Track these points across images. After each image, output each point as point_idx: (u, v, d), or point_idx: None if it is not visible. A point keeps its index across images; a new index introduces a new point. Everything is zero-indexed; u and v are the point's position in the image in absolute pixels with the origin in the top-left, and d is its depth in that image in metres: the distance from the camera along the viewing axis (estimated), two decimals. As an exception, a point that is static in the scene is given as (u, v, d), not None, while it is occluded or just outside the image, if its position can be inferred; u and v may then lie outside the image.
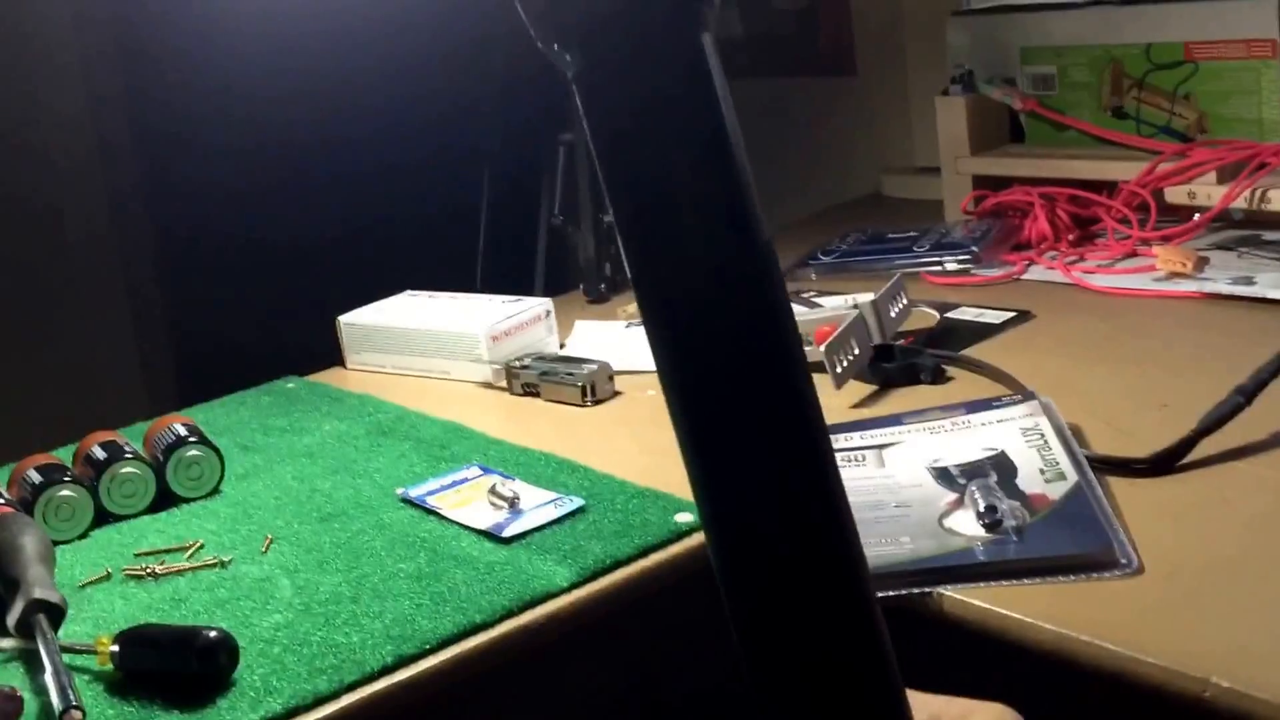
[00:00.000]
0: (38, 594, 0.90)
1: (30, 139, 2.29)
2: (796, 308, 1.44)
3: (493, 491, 1.05)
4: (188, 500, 1.14)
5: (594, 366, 1.28)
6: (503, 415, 1.30)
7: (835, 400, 1.22)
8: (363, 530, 1.05)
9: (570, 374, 1.28)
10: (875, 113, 2.05)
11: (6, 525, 0.98)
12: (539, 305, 1.41)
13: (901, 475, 1.05)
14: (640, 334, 1.46)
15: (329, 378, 1.45)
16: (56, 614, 0.91)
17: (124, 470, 1.10)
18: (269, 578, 0.99)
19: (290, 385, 1.41)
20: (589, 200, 1.58)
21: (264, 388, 1.41)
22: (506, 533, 1.00)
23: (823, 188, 2.05)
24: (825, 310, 1.35)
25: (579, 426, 1.25)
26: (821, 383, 1.24)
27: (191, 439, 1.13)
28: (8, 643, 0.92)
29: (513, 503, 1.04)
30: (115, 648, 0.86)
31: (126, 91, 2.38)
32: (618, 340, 1.45)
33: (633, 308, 1.50)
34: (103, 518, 1.11)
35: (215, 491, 1.15)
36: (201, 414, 1.34)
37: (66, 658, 0.87)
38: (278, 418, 1.32)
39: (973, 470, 1.03)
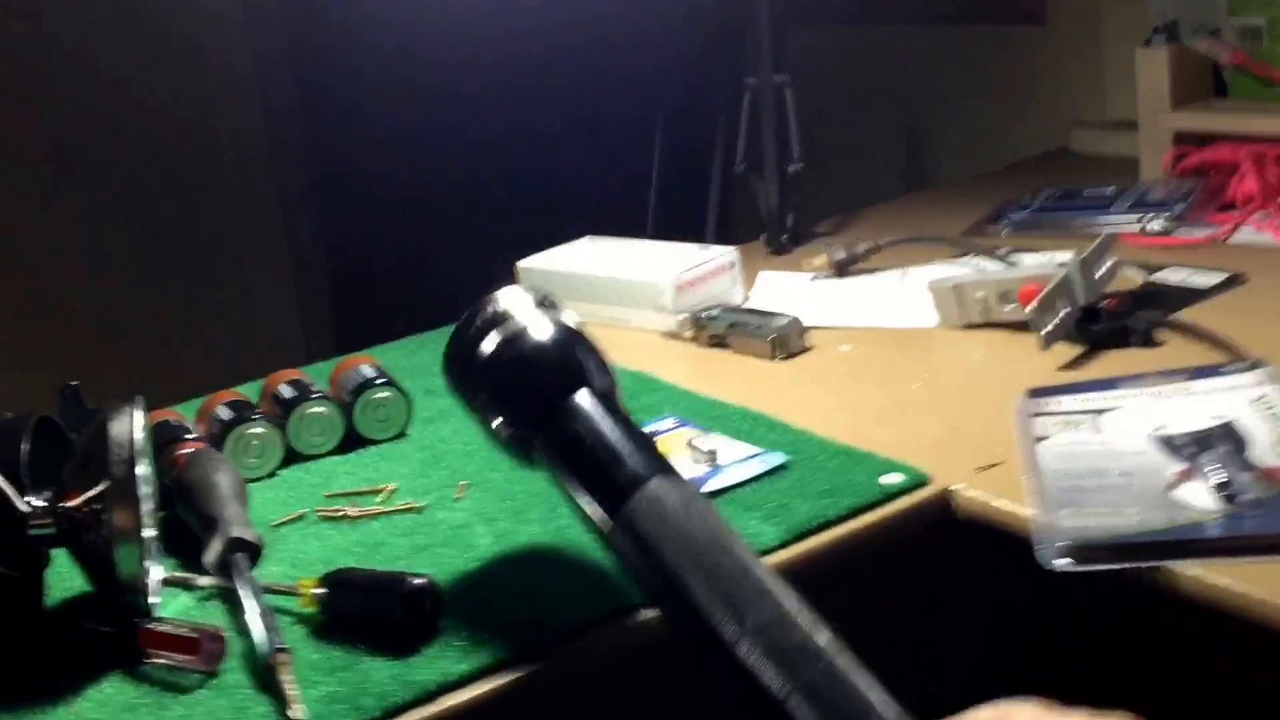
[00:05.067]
0: (235, 532, 0.90)
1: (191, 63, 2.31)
2: (996, 265, 1.39)
3: (691, 445, 1.03)
4: (375, 442, 1.12)
5: (786, 320, 1.25)
6: (690, 366, 1.28)
7: (1042, 361, 1.18)
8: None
9: (761, 326, 1.25)
10: (1066, 64, 1.98)
11: (200, 462, 0.98)
12: (725, 255, 1.38)
13: (1122, 442, 1.00)
14: (828, 287, 1.43)
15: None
16: (253, 553, 0.91)
17: (312, 410, 1.09)
18: (466, 524, 0.98)
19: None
20: (774, 148, 1.54)
21: (443, 330, 1.39)
22: (708, 487, 0.98)
23: (1009, 141, 2.00)
24: (1028, 268, 1.30)
25: (770, 381, 1.22)
26: (1026, 342, 1.20)
27: (379, 380, 1.12)
28: (205, 580, 0.91)
29: (712, 457, 1.02)
30: (319, 590, 0.85)
31: (291, 48, 2.39)
32: (804, 293, 1.42)
33: (819, 260, 1.46)
34: (289, 457, 1.10)
35: (402, 435, 1.14)
36: (381, 355, 1.33)
37: (266, 598, 0.86)
38: (458, 362, 1.31)
39: (1202, 440, 0.98)
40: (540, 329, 0.83)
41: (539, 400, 0.80)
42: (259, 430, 1.07)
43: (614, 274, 1.37)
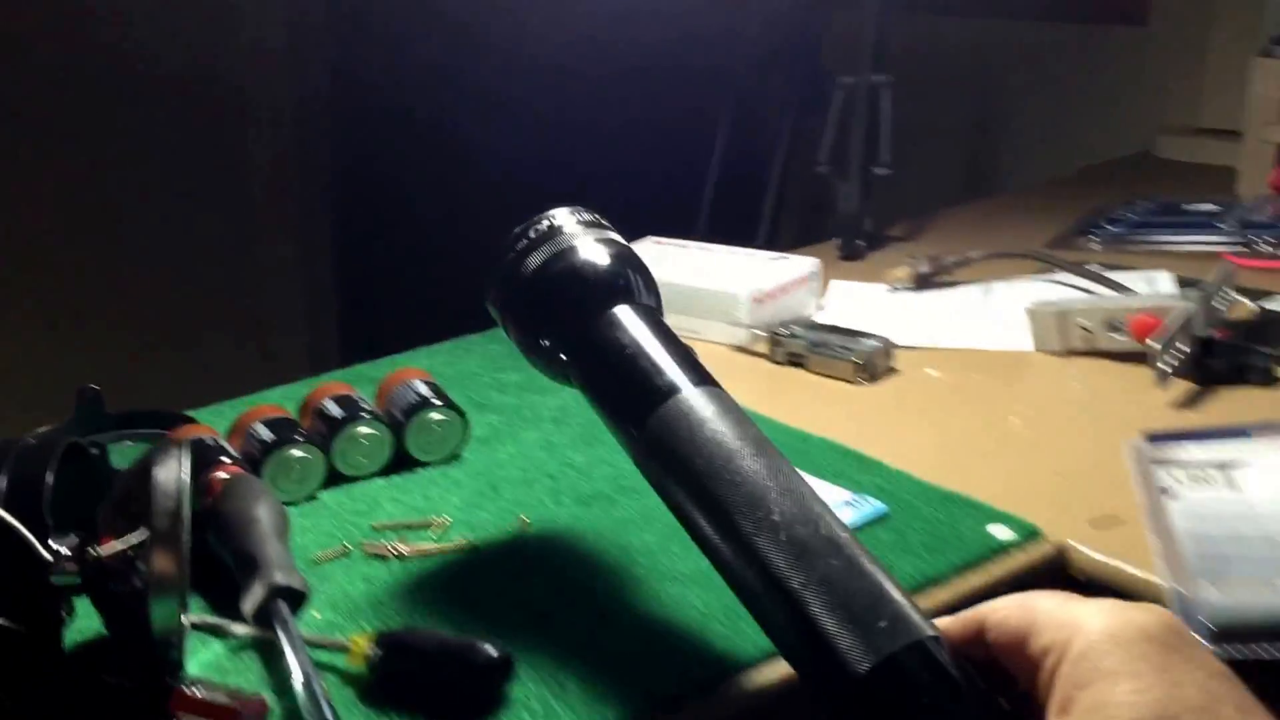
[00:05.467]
0: (280, 579, 0.80)
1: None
2: (1103, 290, 1.29)
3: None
4: (425, 464, 1.03)
5: (874, 342, 1.15)
6: (764, 386, 1.18)
7: (1151, 397, 1.08)
8: (629, 519, 0.94)
9: (846, 348, 1.15)
10: (1161, 67, 1.88)
11: (240, 493, 0.88)
12: (805, 266, 1.28)
13: (1263, 501, 0.90)
14: (907, 300, 1.33)
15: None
16: (297, 600, 0.81)
17: (362, 431, 0.99)
18: (528, 570, 0.88)
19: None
20: (860, 148, 1.44)
21: (491, 334, 1.30)
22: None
23: (1087, 141, 1.89)
24: (1141, 297, 1.20)
25: (854, 407, 1.12)
26: (1131, 374, 1.10)
27: (436, 400, 1.02)
28: (240, 629, 0.82)
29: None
30: (374, 651, 0.75)
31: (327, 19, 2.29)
32: (881, 306, 1.32)
33: (901, 271, 1.36)
34: (330, 477, 1.00)
35: (454, 457, 1.04)
36: (424, 360, 1.23)
37: (310, 651, 0.76)
38: (510, 371, 1.21)
39: (1358, 503, 0.88)
40: (589, 244, 0.80)
41: (584, 311, 0.77)
42: (300, 454, 0.97)
43: (685, 281, 1.27)
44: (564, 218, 0.81)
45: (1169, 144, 1.83)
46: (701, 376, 0.73)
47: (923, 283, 1.36)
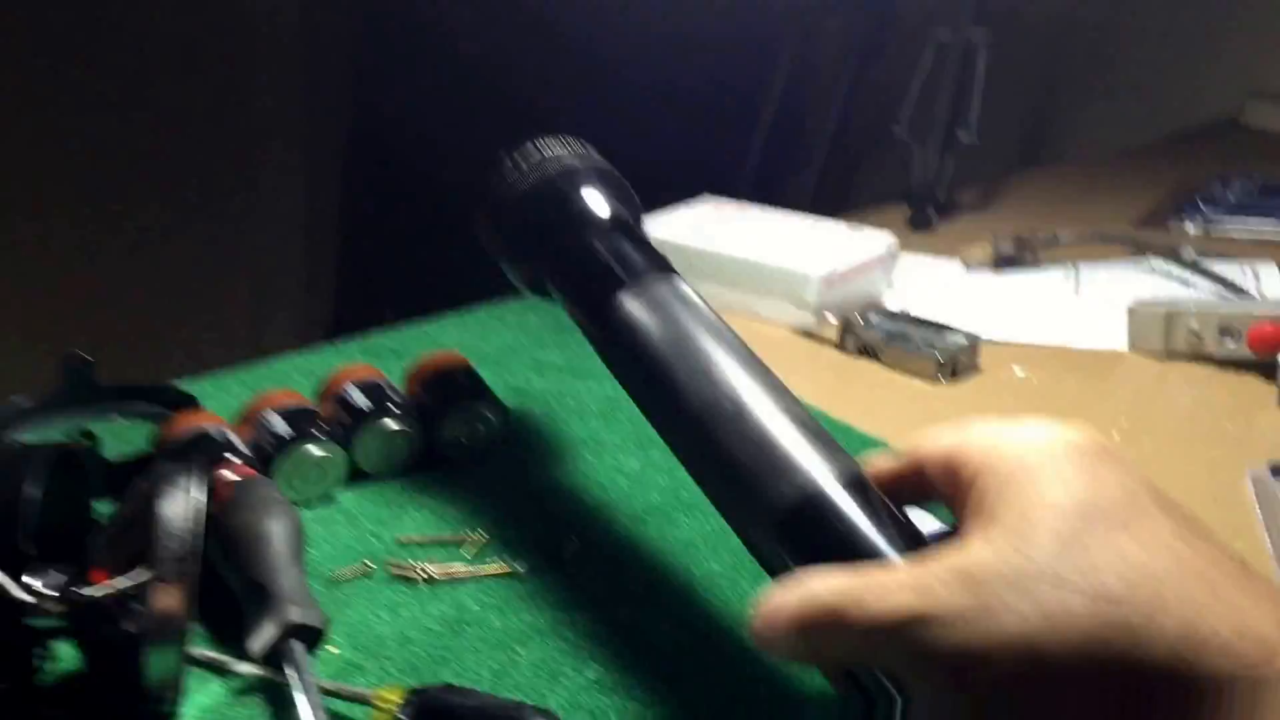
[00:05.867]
0: (295, 616, 0.69)
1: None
2: (1203, 282, 1.17)
3: (865, 515, 0.81)
4: (452, 460, 0.91)
5: (960, 337, 1.04)
6: (832, 380, 1.06)
7: (1272, 416, 0.96)
8: (690, 541, 0.82)
9: (928, 343, 1.03)
10: (1252, 26, 1.73)
11: (250, 503, 0.76)
12: (881, 243, 1.16)
13: None
14: (984, 284, 1.21)
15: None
16: (314, 637, 0.70)
17: (391, 426, 0.88)
18: (580, 603, 0.77)
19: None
20: (947, 111, 1.31)
21: (529, 303, 1.18)
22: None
23: (1169, 106, 1.76)
24: (1259, 302, 1.09)
25: (936, 411, 1.01)
26: (1246, 386, 0.99)
27: (474, 391, 0.90)
28: (246, 668, 0.71)
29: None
30: (403, 712, 0.64)
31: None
32: (957, 289, 1.20)
33: (979, 250, 1.24)
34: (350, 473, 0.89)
35: (488, 451, 0.92)
36: (454, 331, 1.12)
37: (327, 701, 0.66)
38: (552, 349, 1.10)
39: None
40: (567, 165, 0.81)
41: (561, 228, 0.78)
42: (320, 454, 0.86)
43: (746, 255, 1.14)
44: (545, 143, 0.83)
45: (1259, 111, 1.70)
46: (667, 266, 0.73)
47: (1002, 263, 1.24)
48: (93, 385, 0.93)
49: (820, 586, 0.48)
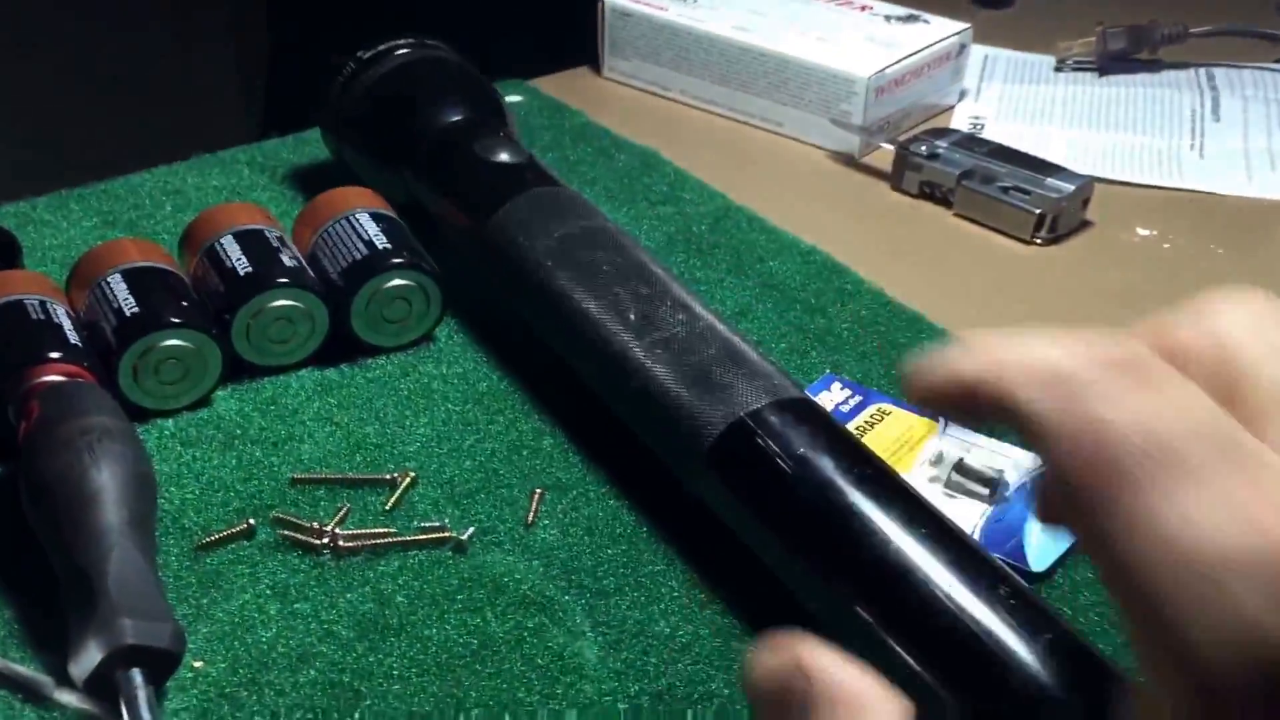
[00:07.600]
0: (131, 636, 0.48)
1: None
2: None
3: (960, 468, 0.61)
4: (380, 349, 0.70)
5: (1066, 184, 0.81)
6: (882, 233, 0.86)
7: None
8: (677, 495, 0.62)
9: (1023, 191, 0.81)
10: None
11: (66, 435, 0.55)
12: (951, 33, 0.92)
13: None
14: (1087, 92, 0.98)
15: (572, 92, 0.98)
16: (166, 664, 0.50)
17: (281, 304, 0.66)
18: (547, 593, 0.56)
19: (517, 100, 0.94)
20: None
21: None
22: (1035, 564, 0.56)
23: None
24: None
25: (1031, 286, 0.80)
26: None
27: (398, 257, 0.67)
28: (67, 697, 0.51)
29: (995, 487, 0.60)
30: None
31: None
32: (1049, 99, 0.97)
33: (1082, 42, 1.01)
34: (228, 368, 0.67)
35: (426, 338, 0.71)
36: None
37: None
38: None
39: None
40: (419, 62, 0.81)
41: (417, 129, 0.78)
42: (180, 343, 0.63)
43: (765, 45, 0.91)
44: (396, 42, 0.82)
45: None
46: (546, 177, 0.73)
47: (1110, 61, 1.00)
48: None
49: None
